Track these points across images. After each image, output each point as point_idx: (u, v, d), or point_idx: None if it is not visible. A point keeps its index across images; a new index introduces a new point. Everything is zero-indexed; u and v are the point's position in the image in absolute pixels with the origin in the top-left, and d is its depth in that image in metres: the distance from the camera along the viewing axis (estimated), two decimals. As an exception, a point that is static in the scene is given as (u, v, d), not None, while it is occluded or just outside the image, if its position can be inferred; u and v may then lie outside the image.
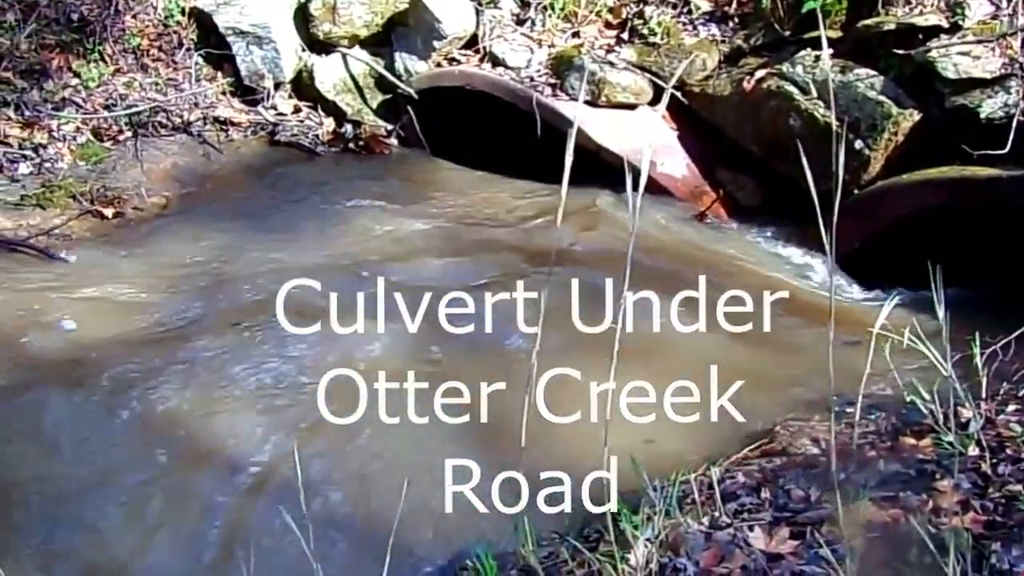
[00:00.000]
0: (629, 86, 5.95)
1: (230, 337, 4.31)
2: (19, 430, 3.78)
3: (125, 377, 4.06)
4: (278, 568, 3.00)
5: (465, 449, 3.41)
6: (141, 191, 5.73)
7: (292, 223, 5.42)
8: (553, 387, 3.25)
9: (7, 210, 5.41)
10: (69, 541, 3.24)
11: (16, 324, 4.45)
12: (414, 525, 3.12)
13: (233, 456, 3.61)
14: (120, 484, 3.50)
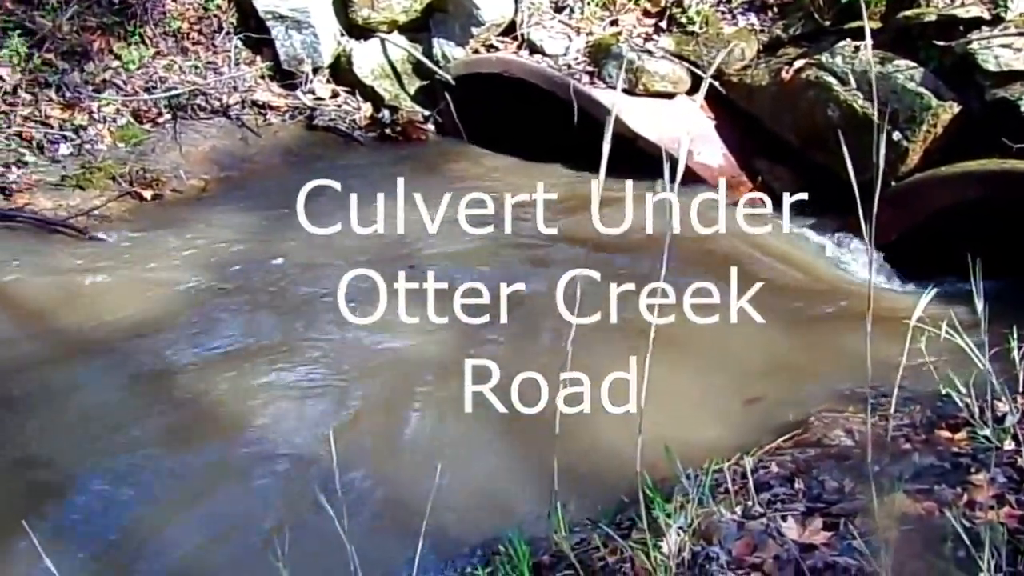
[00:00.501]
0: (667, 75, 5.94)
1: (265, 319, 4.36)
2: (57, 406, 3.83)
3: (162, 356, 4.13)
4: (312, 548, 3.02)
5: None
6: (180, 173, 5.79)
7: (328, 208, 5.43)
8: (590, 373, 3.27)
9: (48, 190, 5.48)
10: (105, 515, 3.28)
11: (55, 303, 4.52)
12: (447, 509, 3.14)
13: (268, 435, 3.64)
14: (154, 460, 3.55)
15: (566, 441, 2.69)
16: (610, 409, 3.35)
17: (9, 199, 5.34)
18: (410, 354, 4.07)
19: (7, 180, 5.45)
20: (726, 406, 3.68)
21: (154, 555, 3.14)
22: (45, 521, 3.18)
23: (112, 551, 3.15)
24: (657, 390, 2.55)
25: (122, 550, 3.16)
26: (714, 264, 4.67)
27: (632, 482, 3.06)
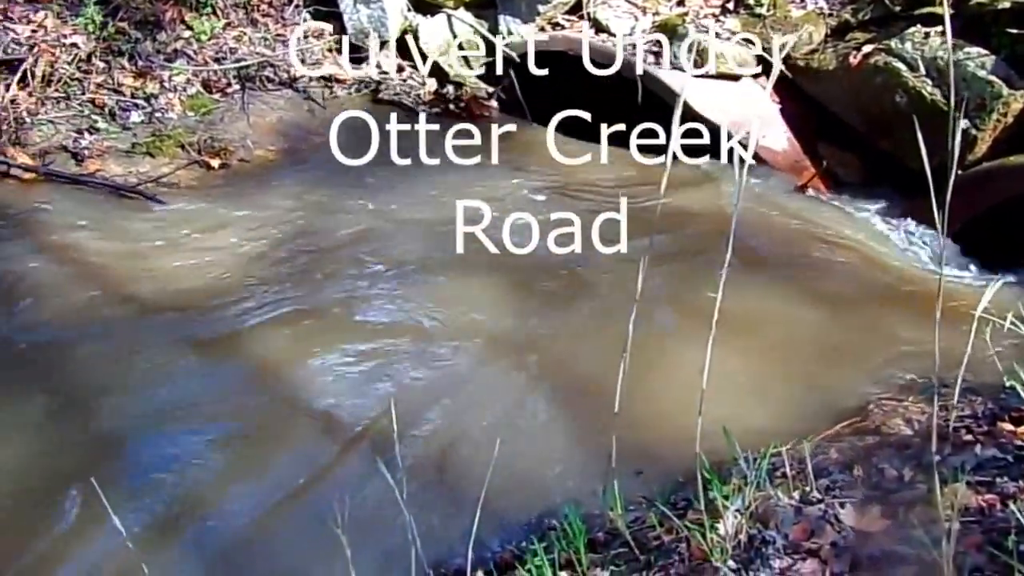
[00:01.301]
0: (734, 56, 5.89)
1: (328, 288, 4.42)
2: (122, 367, 3.92)
3: (225, 320, 4.21)
4: (371, 515, 3.08)
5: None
6: (247, 143, 5.86)
7: (391, 182, 5.49)
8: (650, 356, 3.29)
9: (119, 157, 5.58)
10: (167, 476, 3.36)
11: (123, 268, 4.61)
12: (505, 483, 3.16)
13: (328, 402, 3.70)
14: (215, 424, 3.63)
15: (625, 420, 2.69)
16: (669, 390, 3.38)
17: (81, 164, 5.45)
18: (474, 329, 4.12)
19: (80, 146, 5.55)
20: (785, 390, 3.68)
21: (214, 517, 3.22)
22: (110, 479, 3.24)
23: (172, 511, 3.22)
24: (718, 372, 2.56)
25: (182, 511, 3.23)
26: (775, 247, 4.67)
27: (688, 463, 3.09)
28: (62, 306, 4.29)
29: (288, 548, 3.10)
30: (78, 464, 3.36)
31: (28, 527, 3.12)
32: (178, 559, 3.04)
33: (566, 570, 2.77)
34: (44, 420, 3.59)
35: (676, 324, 3.76)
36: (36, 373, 3.84)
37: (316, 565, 2.96)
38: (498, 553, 3.04)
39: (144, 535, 2.99)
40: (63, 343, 4.04)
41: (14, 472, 3.33)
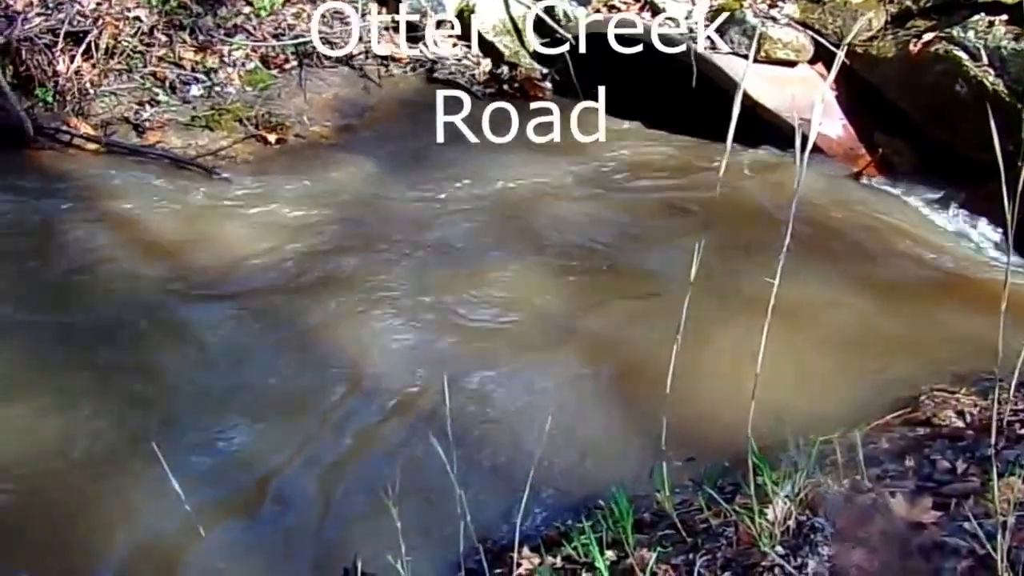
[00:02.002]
0: (790, 42, 5.86)
1: (381, 264, 4.46)
2: (178, 336, 3.99)
3: (281, 293, 4.27)
4: (422, 488, 3.12)
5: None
6: (303, 119, 5.92)
7: (444, 161, 5.53)
8: (702, 340, 3.30)
9: (178, 129, 5.67)
10: (224, 443, 3.44)
11: (180, 238, 4.69)
12: (553, 461, 3.21)
13: (384, 376, 3.75)
14: (270, 394, 3.69)
15: (675, 402, 2.71)
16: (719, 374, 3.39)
17: (142, 136, 5.55)
18: (527, 308, 4.16)
19: (141, 118, 5.65)
20: (836, 378, 3.67)
21: (267, 483, 3.27)
22: (169, 445, 3.29)
23: (227, 478, 3.30)
24: (770, 357, 2.56)
25: (236, 477, 3.30)
26: (829, 235, 4.65)
27: (736, 447, 3.10)
28: (122, 274, 4.37)
29: (339, 516, 3.16)
30: (139, 428, 3.45)
31: (89, 489, 3.20)
32: (232, 524, 3.10)
33: (612, 549, 2.79)
34: (105, 386, 3.67)
35: (729, 308, 3.76)
36: (97, 339, 3.92)
37: (366, 533, 3.01)
38: (544, 530, 3.07)
39: (200, 499, 3.04)
40: (123, 310, 4.12)
41: (77, 435, 3.41)
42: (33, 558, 2.99)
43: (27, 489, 3.20)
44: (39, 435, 3.43)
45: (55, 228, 4.69)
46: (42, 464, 3.29)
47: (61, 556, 2.99)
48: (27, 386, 3.66)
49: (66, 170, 5.25)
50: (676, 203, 4.94)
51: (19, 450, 3.34)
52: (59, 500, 3.17)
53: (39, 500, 3.17)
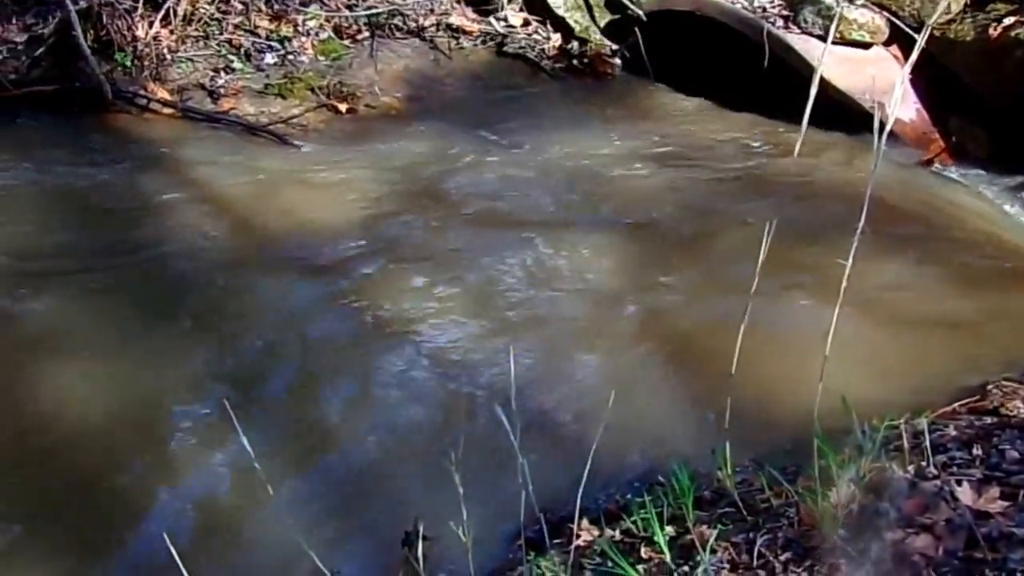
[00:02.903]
0: (865, 24, 5.79)
1: (449, 235, 4.50)
2: (248, 299, 4.06)
3: (348, 262, 4.32)
4: (485, 457, 3.16)
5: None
6: (374, 90, 5.97)
7: (511, 134, 5.55)
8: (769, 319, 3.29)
9: (252, 96, 5.74)
10: (293, 405, 3.52)
11: (251, 204, 4.77)
12: (616, 437, 3.21)
13: (448, 345, 3.80)
14: (338, 359, 3.75)
15: (739, 382, 2.71)
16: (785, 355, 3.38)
17: (216, 102, 5.63)
18: (595, 283, 4.18)
19: (216, 84, 5.73)
20: (904, 364, 3.65)
21: (334, 446, 3.35)
22: (238, 403, 3.37)
23: (296, 437, 3.36)
24: (838, 339, 2.56)
25: (305, 438, 3.37)
26: (900, 220, 4.60)
27: (800, 429, 3.10)
28: (194, 236, 4.46)
29: (402, 480, 3.22)
30: (210, 386, 3.53)
31: (159, 445, 3.29)
32: (298, 483, 3.17)
33: (671, 525, 2.81)
34: (179, 344, 3.75)
35: (798, 289, 3.75)
36: (169, 300, 4.01)
37: (429, 499, 3.05)
38: (604, 503, 3.10)
39: (269, 457, 3.10)
40: (195, 271, 4.21)
41: (149, 391, 3.50)
42: (104, 512, 3.06)
43: (99, 444, 3.28)
44: (112, 391, 3.52)
45: (130, 190, 4.79)
46: (114, 419, 3.38)
47: (131, 510, 3.06)
48: (101, 343, 3.76)
49: (142, 134, 5.35)
50: (745, 182, 4.92)
51: (92, 405, 3.43)
52: (129, 455, 3.25)
53: (111, 455, 3.25)
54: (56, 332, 3.79)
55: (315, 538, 2.59)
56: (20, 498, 3.07)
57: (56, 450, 3.25)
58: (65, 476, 3.17)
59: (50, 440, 3.29)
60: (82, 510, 3.06)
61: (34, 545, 2.92)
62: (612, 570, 2.61)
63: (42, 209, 4.56)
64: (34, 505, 3.05)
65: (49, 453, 3.24)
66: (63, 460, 3.22)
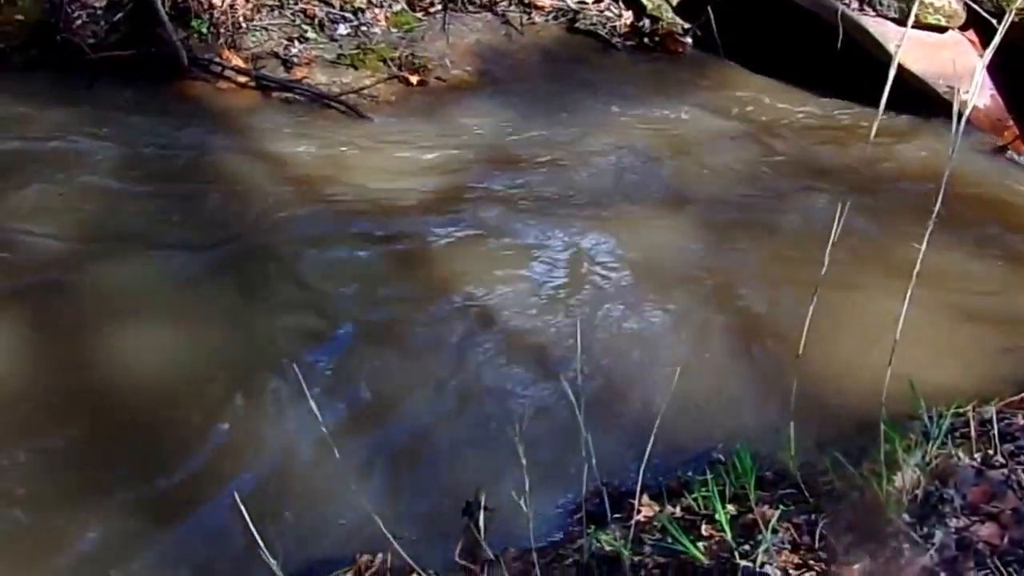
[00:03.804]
0: (942, 7, 5.68)
1: (515, 210, 4.52)
2: (320, 269, 4.12)
3: (416, 233, 4.36)
4: (549, 429, 3.19)
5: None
6: (445, 63, 5.98)
7: (581, 111, 5.55)
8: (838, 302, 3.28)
9: (324, 66, 5.79)
10: (359, 371, 3.55)
11: (320, 172, 4.82)
12: (679, 413, 3.23)
13: (516, 318, 3.83)
14: (403, 328, 3.79)
15: (805, 363, 2.71)
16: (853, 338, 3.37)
17: (290, 71, 5.68)
18: (660, 261, 4.19)
19: (290, 53, 5.78)
20: (973, 351, 3.62)
21: (402, 414, 3.40)
22: (306, 368, 3.43)
23: (364, 404, 3.42)
24: (907, 324, 2.55)
25: (372, 405, 3.42)
26: (973, 207, 4.55)
27: (865, 412, 3.11)
28: (262, 202, 4.51)
29: (465, 449, 3.27)
30: (278, 350, 3.60)
31: (229, 406, 3.36)
32: (364, 448, 3.23)
33: (733, 503, 2.82)
34: (249, 310, 3.83)
35: (868, 272, 3.73)
36: (239, 264, 4.08)
37: (493, 469, 3.09)
38: (665, 479, 3.12)
39: (337, 422, 3.18)
40: (263, 237, 4.27)
41: (223, 356, 3.59)
42: (171, 471, 3.14)
43: (170, 407, 3.37)
44: (182, 351, 3.61)
45: (203, 157, 4.87)
46: (186, 382, 3.46)
47: (198, 471, 3.15)
48: (173, 307, 3.84)
49: (216, 101, 5.43)
50: (817, 163, 4.88)
51: (165, 369, 3.52)
52: (201, 417, 3.33)
53: (182, 418, 3.33)
54: (128, 296, 3.87)
55: (378, 503, 2.63)
56: (94, 458, 3.16)
57: (129, 413, 3.34)
58: (137, 437, 3.26)
59: (123, 403, 3.37)
60: (153, 471, 3.15)
61: (107, 506, 3.00)
62: (672, 546, 2.63)
63: (116, 173, 4.64)
64: (107, 466, 3.13)
65: (122, 416, 3.32)
66: (135, 423, 3.30)
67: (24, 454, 3.15)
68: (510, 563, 2.75)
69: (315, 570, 2.80)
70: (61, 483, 3.06)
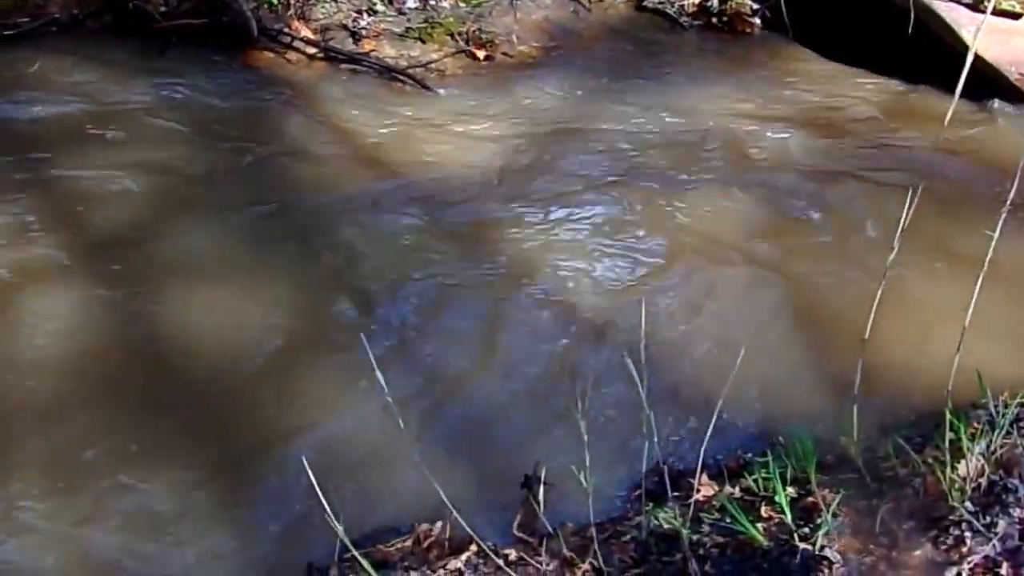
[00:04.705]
0: (1016, -7, 5.59)
1: (580, 188, 4.52)
2: (385, 241, 4.14)
3: (479, 208, 4.39)
4: (611, 406, 3.20)
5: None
6: (512, 38, 5.99)
7: (646, 89, 5.53)
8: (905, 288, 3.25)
9: (392, 39, 5.82)
10: (423, 344, 3.58)
11: (385, 145, 4.87)
12: (741, 394, 3.23)
13: (576, 295, 3.84)
14: (467, 303, 3.80)
15: (870, 348, 2.69)
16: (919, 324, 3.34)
17: (358, 44, 5.72)
18: (726, 242, 4.18)
19: (358, 26, 5.82)
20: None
21: (466, 388, 3.42)
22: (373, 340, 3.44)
23: (429, 377, 3.44)
24: (976, 313, 2.53)
25: (438, 378, 3.44)
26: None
27: (928, 400, 3.09)
28: (328, 172, 4.58)
29: (527, 423, 3.28)
30: (340, 318, 3.67)
31: (299, 372, 3.41)
32: (426, 418, 3.26)
33: (793, 486, 2.82)
34: (313, 274, 3.89)
35: (937, 259, 3.69)
36: (307, 236, 4.12)
37: (553, 444, 3.12)
38: (724, 460, 3.12)
39: (402, 393, 3.21)
40: (329, 205, 4.31)
41: (288, 323, 3.63)
42: (237, 432, 3.20)
43: (237, 371, 3.42)
44: (248, 313, 3.67)
45: (270, 127, 4.93)
46: (251, 348, 3.51)
47: (263, 432, 3.20)
48: (238, 273, 3.90)
49: (285, 71, 5.49)
50: (885, 147, 4.83)
51: (230, 334, 3.57)
52: (267, 382, 3.38)
53: (248, 382, 3.39)
54: (194, 257, 3.94)
55: (438, 473, 2.65)
56: (160, 416, 3.22)
57: (195, 376, 3.39)
58: (203, 400, 3.31)
59: (189, 365, 3.43)
60: (219, 431, 3.21)
61: (173, 464, 3.06)
62: (731, 526, 2.64)
63: (184, 139, 4.73)
64: (174, 428, 3.19)
65: (187, 379, 3.38)
66: (201, 385, 3.36)
67: (91, 410, 3.22)
68: (568, 538, 2.78)
69: (374, 536, 2.84)
70: (127, 440, 3.12)
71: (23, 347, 3.44)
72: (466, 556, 2.71)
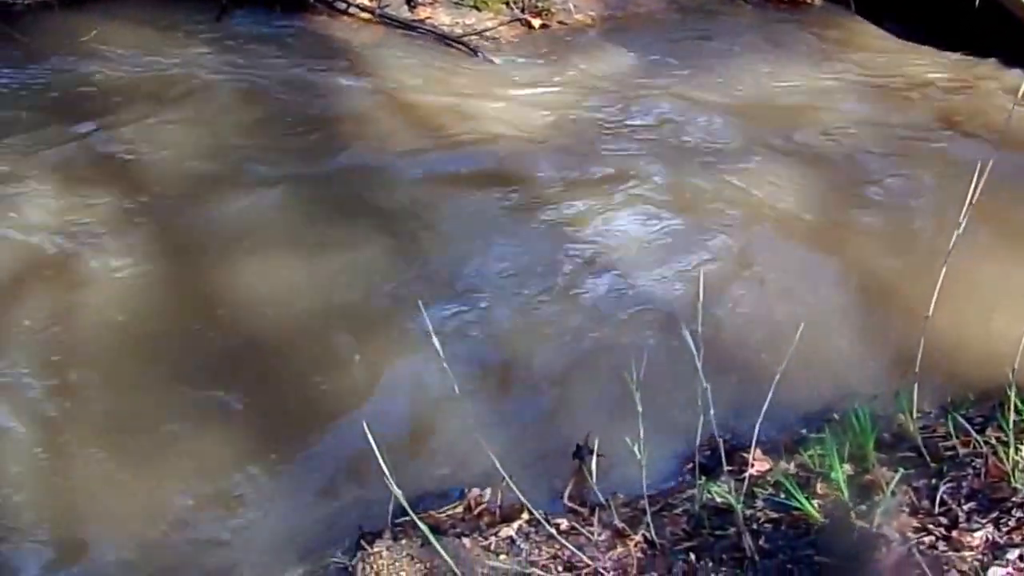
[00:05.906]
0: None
1: (635, 159, 4.48)
2: (440, 208, 4.13)
3: (533, 177, 4.35)
4: (666, 377, 3.17)
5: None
6: (568, 6, 5.92)
7: (704, 59, 5.46)
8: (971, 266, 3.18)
9: (448, 7, 5.80)
10: (474, 315, 3.57)
11: (440, 113, 4.84)
12: (798, 369, 3.17)
13: (632, 267, 3.81)
14: (522, 273, 3.78)
15: (932, 325, 2.64)
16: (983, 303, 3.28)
17: (413, 11, 5.71)
18: (787, 216, 4.13)
19: (414, -9, 5.82)
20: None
21: (521, 359, 3.41)
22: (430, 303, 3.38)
23: (482, 345, 3.45)
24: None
25: (490, 345, 3.45)
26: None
27: (991, 379, 3.03)
28: (384, 140, 4.57)
29: (581, 395, 3.27)
30: (397, 285, 3.66)
31: (358, 340, 3.43)
32: (482, 387, 3.27)
33: (849, 463, 2.78)
34: (369, 243, 3.88)
35: (1005, 238, 3.61)
36: (362, 205, 4.12)
37: (606, 415, 3.10)
38: (779, 435, 3.08)
39: (458, 361, 3.20)
40: (386, 179, 4.30)
41: (346, 292, 3.64)
42: (292, 401, 3.23)
43: (297, 340, 3.44)
44: (305, 281, 3.69)
45: (326, 93, 4.93)
46: (310, 317, 3.53)
47: (322, 398, 3.22)
48: (292, 233, 3.93)
49: (339, 37, 5.48)
50: (950, 123, 4.73)
51: (288, 304, 3.59)
52: (326, 349, 3.41)
53: (308, 350, 3.40)
54: (252, 225, 3.96)
55: (492, 440, 2.65)
56: (221, 382, 3.25)
57: (252, 341, 3.42)
58: (261, 365, 3.34)
59: (247, 330, 3.46)
60: (280, 396, 3.24)
61: (235, 427, 3.11)
62: (786, 502, 2.61)
63: (240, 107, 4.74)
64: (234, 390, 3.23)
65: (245, 344, 3.41)
66: (259, 351, 3.39)
67: (153, 375, 3.26)
68: (619, 508, 2.77)
69: (427, 501, 2.85)
70: (189, 404, 3.17)
71: (84, 311, 3.48)
72: (517, 524, 2.71)
